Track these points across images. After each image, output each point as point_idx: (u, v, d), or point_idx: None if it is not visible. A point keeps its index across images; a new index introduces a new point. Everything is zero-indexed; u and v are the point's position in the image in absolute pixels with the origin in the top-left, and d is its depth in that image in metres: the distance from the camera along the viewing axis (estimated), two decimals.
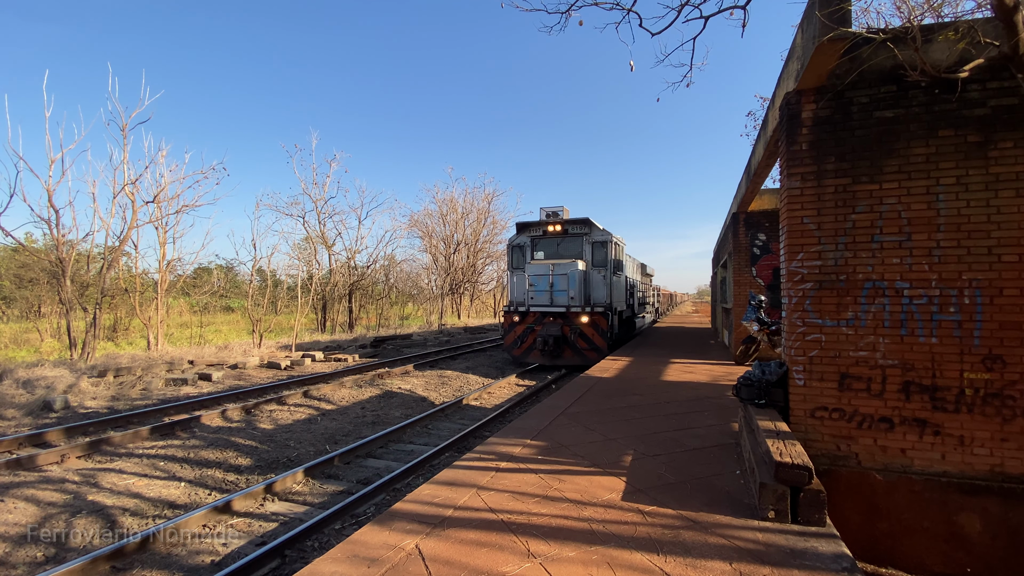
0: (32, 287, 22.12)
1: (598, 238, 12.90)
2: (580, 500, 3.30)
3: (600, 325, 11.73)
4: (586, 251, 12.98)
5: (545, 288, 12.22)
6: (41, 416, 7.79)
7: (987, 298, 3.62)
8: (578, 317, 11.77)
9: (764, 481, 3.00)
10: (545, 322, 12.12)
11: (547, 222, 13.16)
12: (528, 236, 13.41)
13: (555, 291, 12.18)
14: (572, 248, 13.10)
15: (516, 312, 12.56)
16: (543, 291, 12.25)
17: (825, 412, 3.97)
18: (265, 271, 24.83)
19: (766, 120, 5.72)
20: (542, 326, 12.10)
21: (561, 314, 12.02)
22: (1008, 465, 3.58)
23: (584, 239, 13.03)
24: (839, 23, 3.36)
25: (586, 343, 11.77)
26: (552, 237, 13.23)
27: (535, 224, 13.36)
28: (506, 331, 12.91)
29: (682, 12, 4.41)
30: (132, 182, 16.11)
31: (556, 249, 13.24)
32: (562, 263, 12.27)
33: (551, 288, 12.18)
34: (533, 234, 13.36)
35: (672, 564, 2.52)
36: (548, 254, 13.25)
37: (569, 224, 13.16)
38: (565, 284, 11.98)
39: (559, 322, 12.04)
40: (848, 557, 2.53)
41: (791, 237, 4.12)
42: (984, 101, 3.65)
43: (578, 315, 11.77)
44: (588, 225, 13.06)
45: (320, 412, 8.14)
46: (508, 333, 12.79)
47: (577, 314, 11.79)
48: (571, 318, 11.87)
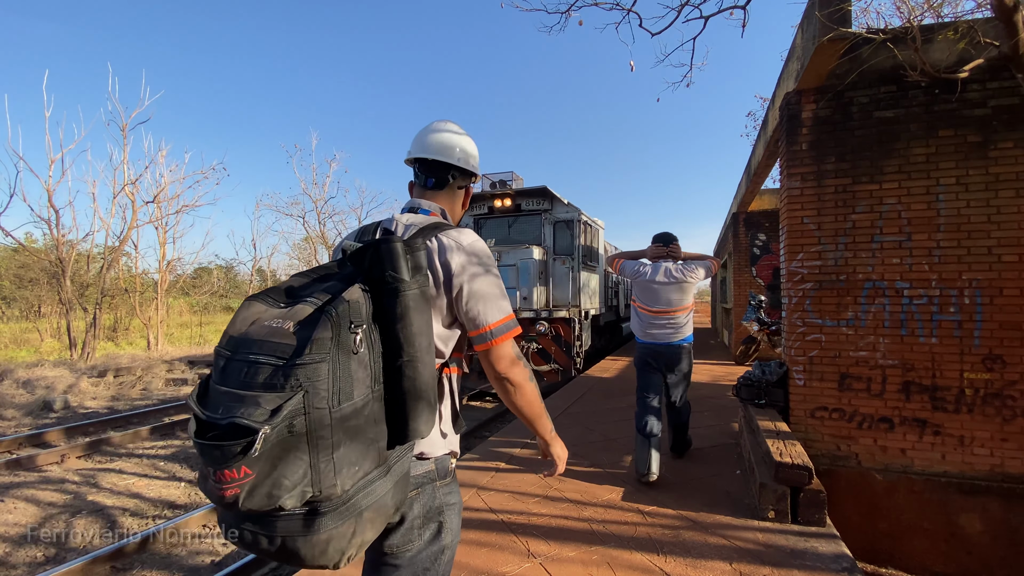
0: (32, 287, 22.12)
1: (561, 216, 9.43)
2: (580, 500, 3.30)
3: (563, 336, 8.57)
4: (546, 234, 9.49)
5: None
6: (41, 416, 7.80)
7: (987, 298, 3.62)
8: (533, 325, 8.57)
9: (764, 481, 3.00)
10: None
11: (492, 194, 9.55)
12: (471, 215, 9.86)
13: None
14: (528, 230, 9.65)
15: None
16: None
17: (825, 412, 3.97)
18: (265, 271, 24.86)
19: (766, 120, 5.72)
20: None
21: None
22: (1008, 465, 3.57)
23: (543, 218, 9.53)
24: (839, 23, 3.36)
25: (544, 360, 8.61)
26: (501, 216, 9.78)
27: (478, 197, 9.70)
28: None
29: (682, 12, 4.41)
30: (132, 182, 16.14)
31: (507, 232, 9.79)
32: (511, 251, 8.93)
33: None
34: (477, 212, 9.82)
35: (672, 564, 2.52)
36: (498, 239, 9.72)
37: (522, 197, 9.63)
38: (514, 280, 8.71)
39: None
40: (848, 557, 2.53)
41: (791, 237, 4.12)
42: (984, 101, 3.65)
43: (533, 322, 8.59)
44: (548, 198, 9.50)
45: None
46: None
47: (532, 321, 8.60)
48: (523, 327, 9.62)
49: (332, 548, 0.91)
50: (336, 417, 0.89)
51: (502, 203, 9.51)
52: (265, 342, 0.90)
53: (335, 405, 0.89)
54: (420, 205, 1.34)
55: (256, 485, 0.83)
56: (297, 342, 0.89)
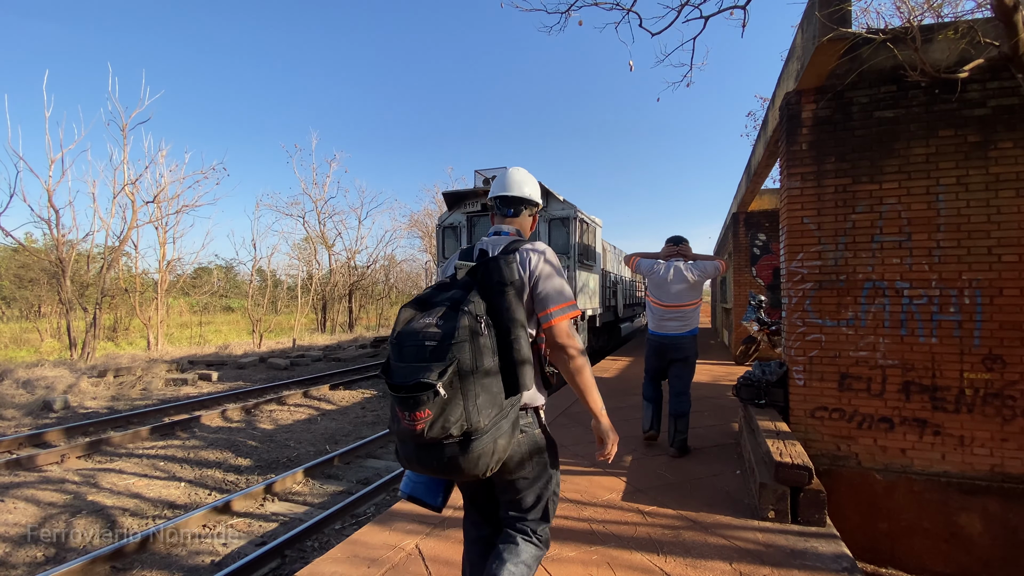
0: (32, 287, 22.12)
1: (557, 213, 9.24)
2: (580, 500, 3.30)
3: None
4: (541, 232, 9.44)
5: None
6: (41, 416, 7.80)
7: (987, 298, 3.62)
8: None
9: (764, 481, 3.00)
10: None
11: (485, 191, 9.11)
12: (463, 213, 9.63)
13: None
14: None
15: None
16: None
17: (825, 412, 3.97)
18: (265, 271, 24.86)
19: (766, 120, 5.72)
20: None
21: None
22: (1008, 465, 3.57)
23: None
24: (839, 23, 3.36)
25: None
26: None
27: (470, 194, 9.56)
28: None
29: (682, 12, 4.41)
30: (132, 182, 16.14)
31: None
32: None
33: None
34: (469, 210, 9.57)
35: (672, 564, 2.52)
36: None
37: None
38: None
39: None
40: (848, 557, 2.53)
41: (791, 237, 4.12)
42: (984, 101, 3.65)
43: None
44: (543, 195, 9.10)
45: (320, 412, 8.15)
46: None
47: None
48: None
49: (481, 462, 1.38)
50: (475, 378, 1.37)
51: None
52: (422, 332, 1.39)
53: (474, 370, 1.37)
54: (501, 229, 1.87)
55: (433, 421, 1.31)
56: (444, 331, 1.37)
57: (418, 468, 1.46)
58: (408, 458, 1.47)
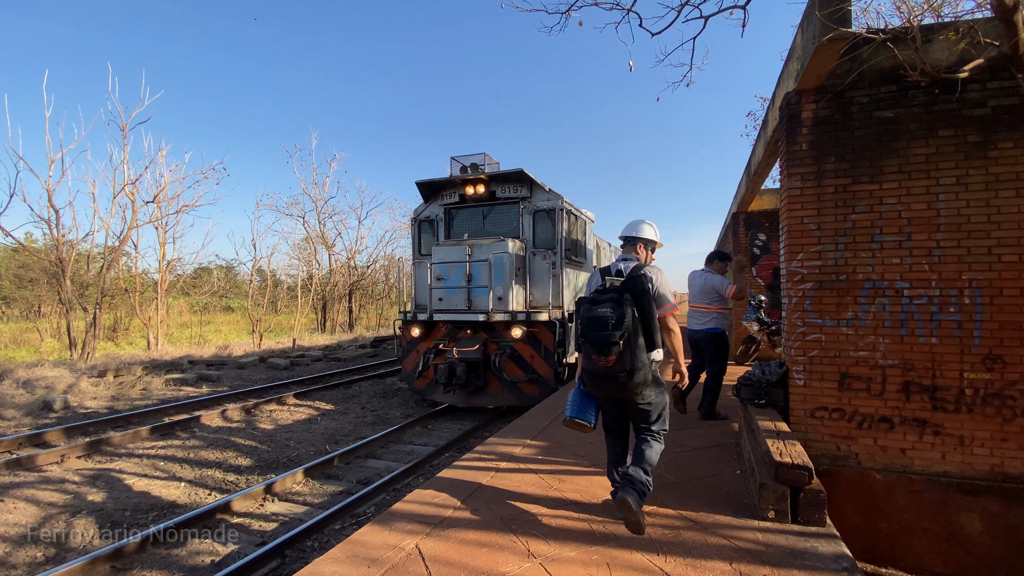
0: (32, 287, 22.14)
1: (542, 204, 8.26)
2: (580, 500, 3.30)
3: (543, 342, 7.43)
4: (524, 225, 8.34)
5: (459, 283, 7.75)
6: (41, 416, 7.80)
7: (987, 298, 3.62)
8: (508, 329, 7.40)
9: (764, 481, 3.00)
10: (459, 337, 7.73)
11: (463, 179, 8.43)
12: (441, 205, 8.90)
13: (473, 288, 7.69)
14: (504, 221, 8.53)
15: (416, 322, 7.94)
16: (456, 288, 7.79)
17: (825, 412, 3.97)
18: (265, 271, 24.86)
19: (766, 120, 5.72)
20: (456, 343, 7.68)
21: (483, 324, 7.50)
22: (1008, 465, 3.57)
23: (521, 207, 8.35)
24: (839, 23, 3.36)
25: (522, 370, 7.45)
26: (474, 205, 8.67)
27: (447, 184, 8.72)
28: (404, 352, 8.29)
29: (682, 12, 4.42)
30: (132, 182, 16.14)
31: (482, 224, 8.67)
32: (484, 244, 7.77)
33: (468, 283, 7.71)
34: (448, 201, 8.81)
35: (672, 564, 2.52)
36: (472, 232, 8.61)
37: (497, 183, 8.41)
38: (487, 277, 7.51)
39: (480, 337, 7.60)
40: (848, 557, 2.53)
41: (791, 237, 4.12)
42: (984, 101, 3.65)
43: (508, 326, 7.40)
44: (526, 184, 8.29)
45: (320, 412, 8.15)
46: (406, 355, 8.23)
47: (507, 324, 7.41)
48: (498, 331, 7.53)
49: (636, 385, 2.72)
50: (633, 340, 2.69)
51: (474, 190, 8.36)
52: (603, 316, 2.65)
53: (633, 336, 2.69)
54: (629, 256, 3.12)
55: (616, 362, 2.66)
56: (617, 315, 2.64)
57: (601, 391, 2.86)
58: (595, 385, 2.83)
